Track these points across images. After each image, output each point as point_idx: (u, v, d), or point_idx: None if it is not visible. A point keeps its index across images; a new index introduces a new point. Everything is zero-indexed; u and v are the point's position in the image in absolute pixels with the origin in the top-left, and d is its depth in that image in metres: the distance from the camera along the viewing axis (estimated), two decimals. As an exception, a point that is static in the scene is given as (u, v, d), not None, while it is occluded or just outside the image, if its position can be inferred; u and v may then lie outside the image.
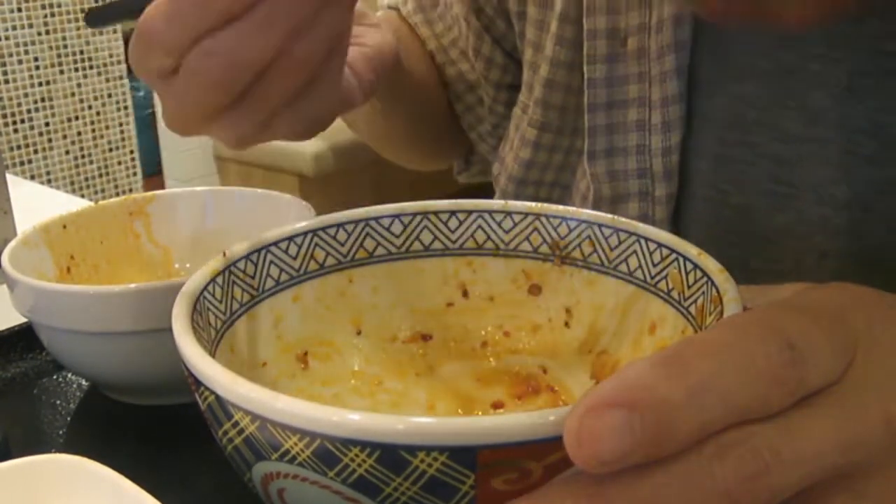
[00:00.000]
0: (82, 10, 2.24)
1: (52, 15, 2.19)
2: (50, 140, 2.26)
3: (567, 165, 0.53)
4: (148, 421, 0.48)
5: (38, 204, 0.92)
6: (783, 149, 0.42)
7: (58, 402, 0.50)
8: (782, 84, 0.42)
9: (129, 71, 2.38)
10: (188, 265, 0.60)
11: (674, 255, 0.35)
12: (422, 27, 0.61)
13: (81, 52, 2.26)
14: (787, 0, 0.32)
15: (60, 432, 0.47)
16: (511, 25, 0.55)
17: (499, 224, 0.41)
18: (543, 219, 0.40)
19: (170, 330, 0.30)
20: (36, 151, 2.24)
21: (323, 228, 0.40)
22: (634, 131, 0.47)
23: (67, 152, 2.30)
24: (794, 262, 0.43)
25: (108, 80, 2.34)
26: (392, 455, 0.23)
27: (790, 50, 0.41)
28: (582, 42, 0.49)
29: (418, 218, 0.41)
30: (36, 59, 2.18)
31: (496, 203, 0.41)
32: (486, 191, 0.61)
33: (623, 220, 0.38)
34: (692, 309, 0.33)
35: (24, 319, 0.51)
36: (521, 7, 0.54)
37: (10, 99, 2.15)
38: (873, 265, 0.41)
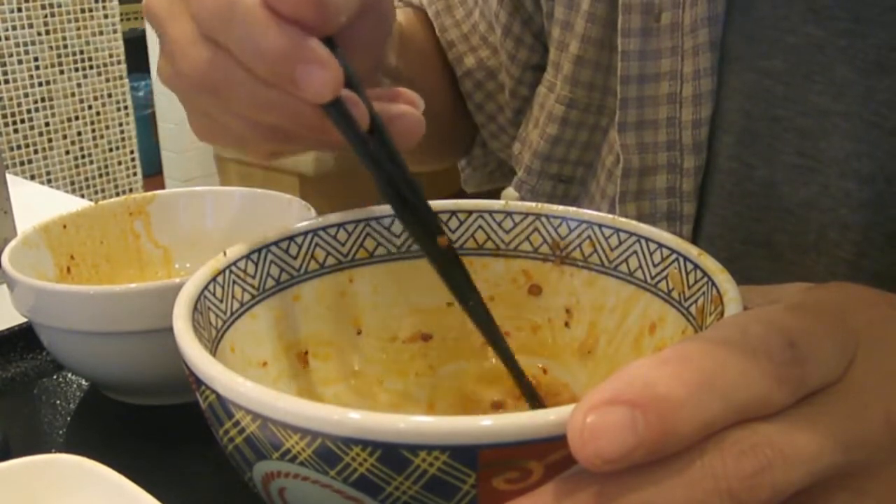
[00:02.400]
0: (82, 10, 2.24)
1: (52, 15, 2.19)
2: (50, 140, 2.25)
3: (592, 144, 0.54)
4: (148, 421, 0.48)
5: (38, 204, 0.92)
6: (809, 123, 0.43)
7: (58, 402, 0.50)
8: (810, 59, 0.42)
9: (129, 71, 2.38)
10: (188, 265, 0.60)
11: (674, 256, 0.35)
12: (443, 15, 0.61)
13: (81, 52, 2.26)
14: None
15: (60, 432, 0.47)
16: (538, 7, 0.56)
17: (499, 224, 0.41)
18: (544, 219, 0.40)
19: (170, 330, 0.30)
20: (36, 151, 2.24)
21: (323, 228, 0.40)
22: (665, 104, 0.48)
23: (67, 152, 2.30)
24: (817, 235, 0.43)
25: (108, 80, 2.34)
26: (393, 454, 0.23)
27: (818, 25, 0.42)
28: (613, 20, 0.49)
29: (419, 218, 0.41)
30: (36, 59, 2.18)
31: (496, 203, 0.41)
32: (487, 191, 0.61)
33: (623, 220, 0.38)
34: (692, 309, 0.33)
35: (24, 319, 0.51)
36: None
37: (10, 99, 2.15)
38: (895, 238, 0.41)
